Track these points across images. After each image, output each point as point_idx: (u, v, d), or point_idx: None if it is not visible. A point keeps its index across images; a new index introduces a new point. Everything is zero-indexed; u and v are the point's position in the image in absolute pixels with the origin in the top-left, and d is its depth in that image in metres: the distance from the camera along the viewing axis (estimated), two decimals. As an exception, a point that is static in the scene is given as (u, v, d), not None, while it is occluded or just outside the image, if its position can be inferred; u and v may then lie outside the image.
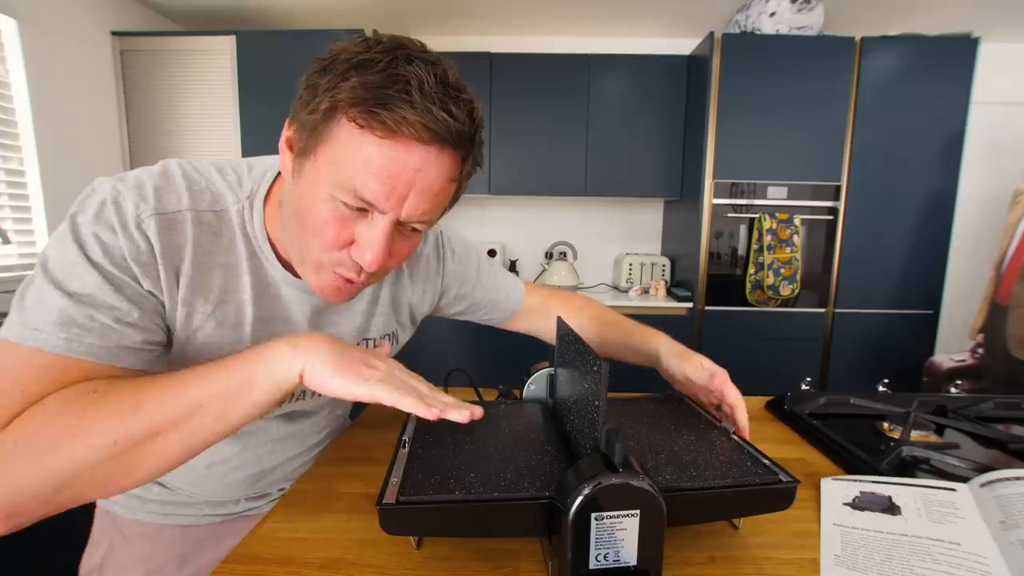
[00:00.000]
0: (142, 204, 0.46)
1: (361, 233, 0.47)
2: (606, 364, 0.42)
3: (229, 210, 0.52)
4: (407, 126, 0.41)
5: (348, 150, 0.43)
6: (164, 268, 0.47)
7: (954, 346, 2.16)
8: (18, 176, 1.88)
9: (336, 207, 0.45)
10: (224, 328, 0.53)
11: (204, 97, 2.31)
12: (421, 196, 0.46)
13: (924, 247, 2.27)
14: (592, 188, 2.54)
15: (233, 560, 0.46)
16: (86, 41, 2.15)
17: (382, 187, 0.44)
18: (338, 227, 0.46)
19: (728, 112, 2.21)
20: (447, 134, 0.43)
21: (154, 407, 0.40)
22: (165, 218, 0.47)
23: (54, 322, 0.41)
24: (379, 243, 0.46)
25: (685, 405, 0.68)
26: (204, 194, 0.51)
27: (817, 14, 2.22)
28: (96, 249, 0.44)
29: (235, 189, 0.53)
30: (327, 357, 0.43)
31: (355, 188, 0.43)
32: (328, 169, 0.44)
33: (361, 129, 0.42)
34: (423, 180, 0.45)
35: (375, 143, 0.42)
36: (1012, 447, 0.70)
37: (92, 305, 0.43)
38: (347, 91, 0.41)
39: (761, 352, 2.32)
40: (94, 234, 0.44)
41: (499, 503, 0.42)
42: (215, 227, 0.51)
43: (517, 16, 2.53)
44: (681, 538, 0.49)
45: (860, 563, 0.45)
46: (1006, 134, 2.73)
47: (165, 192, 0.48)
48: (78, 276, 0.43)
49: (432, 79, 0.42)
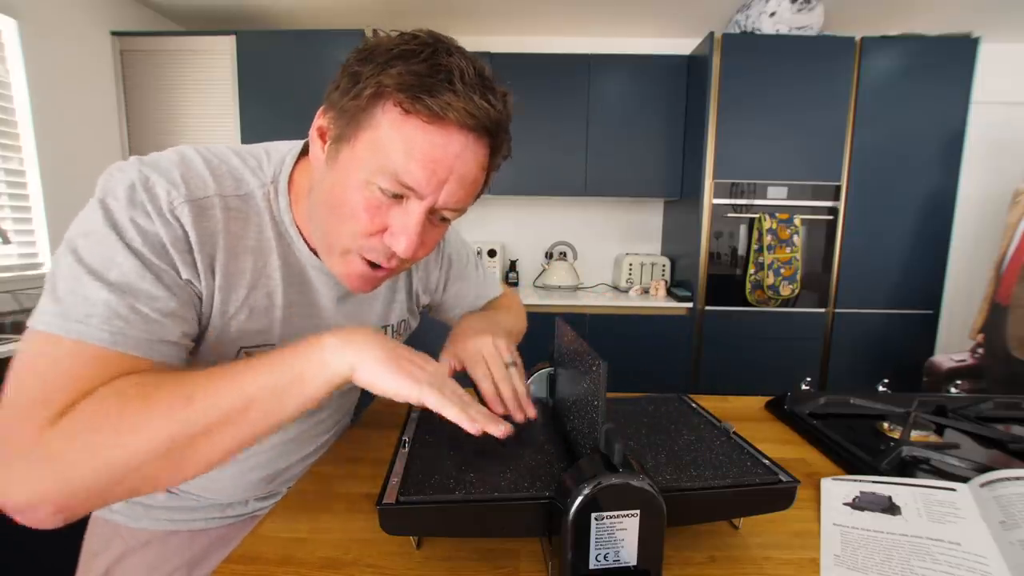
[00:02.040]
0: (173, 190, 0.45)
1: (395, 219, 0.47)
2: (605, 364, 0.42)
3: (255, 194, 0.52)
4: (452, 111, 0.43)
5: (391, 135, 0.44)
6: (200, 256, 0.47)
7: (954, 346, 2.16)
8: (18, 176, 1.88)
9: (372, 193, 0.46)
10: (256, 314, 0.53)
11: (204, 97, 2.31)
12: (458, 183, 0.47)
13: (924, 247, 2.27)
14: (592, 188, 2.54)
15: (234, 560, 0.46)
16: (86, 41, 2.15)
17: (423, 171, 0.44)
18: (372, 213, 0.47)
19: (728, 112, 2.21)
20: (487, 121, 0.45)
21: (208, 402, 0.40)
22: (197, 204, 0.46)
23: (98, 314, 0.41)
24: (414, 229, 0.47)
25: (685, 405, 0.68)
26: (227, 179, 0.50)
27: (817, 14, 2.22)
28: (134, 235, 0.43)
29: (258, 173, 0.53)
30: (379, 354, 0.43)
31: (396, 172, 0.44)
32: (368, 154, 0.45)
33: (406, 114, 0.43)
34: (461, 167, 0.46)
35: (420, 128, 0.43)
36: (1012, 447, 0.70)
37: (133, 295, 0.42)
38: (394, 77, 0.42)
39: (761, 352, 2.32)
40: (131, 219, 0.43)
41: (499, 503, 0.42)
42: (242, 212, 0.51)
43: (517, 16, 2.53)
44: (681, 538, 0.49)
45: (860, 563, 0.45)
46: (1006, 134, 2.73)
47: (191, 177, 0.47)
48: (117, 264, 0.42)
49: (472, 70, 0.44)
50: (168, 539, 0.64)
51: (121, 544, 0.63)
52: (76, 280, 0.41)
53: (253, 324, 0.53)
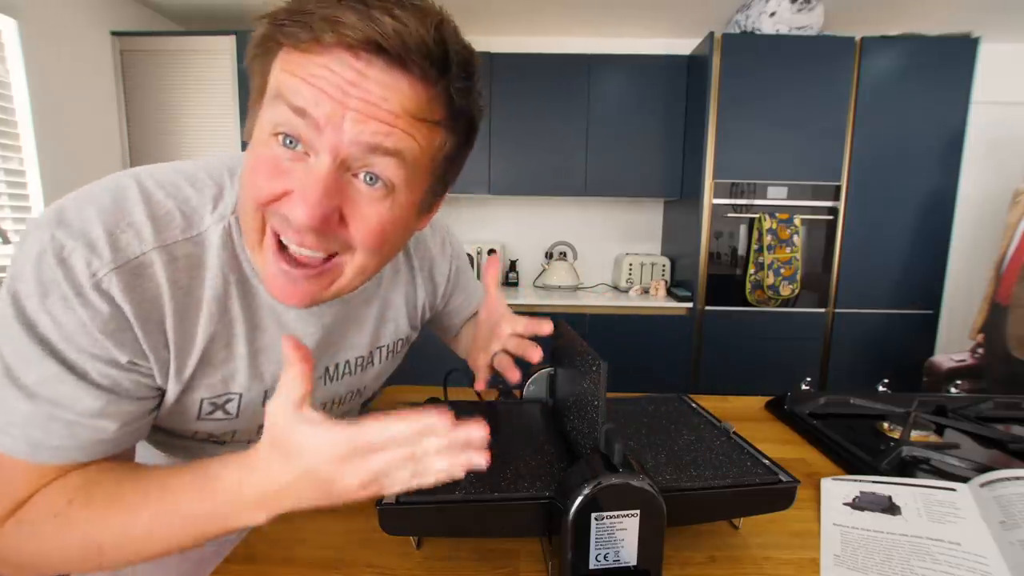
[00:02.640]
0: (94, 259, 0.37)
1: (297, 179, 0.38)
2: (605, 364, 0.42)
3: (209, 233, 0.43)
4: (329, 29, 0.34)
5: (280, 76, 0.37)
6: (142, 330, 0.39)
7: (954, 346, 2.16)
8: (18, 176, 1.88)
9: (270, 148, 0.38)
10: (214, 367, 0.46)
11: (204, 97, 2.31)
12: (366, 115, 0.36)
13: (924, 247, 2.27)
14: (592, 188, 2.54)
15: (233, 560, 0.46)
16: (86, 41, 2.15)
17: (310, 88, 0.36)
18: (271, 171, 0.38)
19: (728, 112, 2.21)
20: (383, 40, 0.35)
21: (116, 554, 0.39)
22: (128, 269, 0.38)
23: (16, 423, 0.37)
24: (315, 184, 0.37)
25: (685, 405, 0.68)
26: (173, 219, 0.41)
27: (817, 14, 2.22)
28: (49, 329, 0.36)
29: (218, 203, 0.44)
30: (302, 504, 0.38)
31: (282, 94, 0.37)
32: (266, 108, 0.38)
33: (291, 49, 0.37)
34: (363, 96, 0.36)
35: (305, 57, 0.36)
36: (1012, 447, 0.70)
37: (51, 402, 0.37)
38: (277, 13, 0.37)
39: (761, 352, 2.32)
40: (44, 309, 0.36)
41: (499, 503, 0.42)
42: (194, 257, 0.42)
43: (517, 16, 2.53)
44: (681, 538, 0.49)
45: (860, 563, 0.45)
46: (1006, 134, 2.73)
47: (120, 232, 0.39)
48: (32, 366, 0.36)
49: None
50: None
51: None
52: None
53: (212, 377, 0.46)
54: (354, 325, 0.57)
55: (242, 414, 0.50)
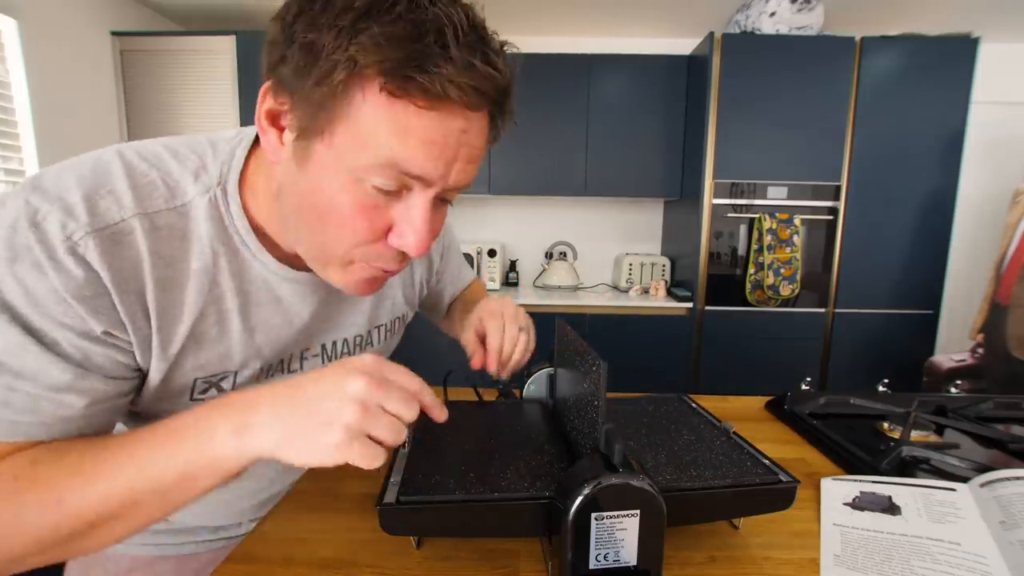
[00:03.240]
0: (70, 221, 0.36)
1: (399, 215, 0.40)
2: (605, 364, 0.42)
3: (195, 203, 0.42)
4: (453, 88, 0.34)
5: (379, 124, 0.35)
6: (120, 297, 0.38)
7: (954, 346, 2.17)
8: (18, 176, 1.88)
9: (364, 192, 0.38)
10: (207, 344, 0.45)
11: (204, 97, 2.31)
12: (466, 161, 0.39)
13: (924, 247, 2.27)
14: (592, 188, 2.54)
15: (233, 560, 0.46)
16: (86, 41, 2.15)
17: (428, 157, 0.37)
18: (371, 216, 0.39)
19: (728, 112, 2.21)
20: (493, 92, 0.37)
21: (79, 506, 0.34)
22: (106, 234, 0.37)
23: None
24: (423, 223, 0.40)
25: (685, 405, 0.68)
26: (156, 189, 0.40)
27: (817, 14, 2.22)
28: (17, 296, 0.34)
29: (201, 175, 0.43)
30: (277, 435, 0.35)
31: (397, 163, 0.36)
32: (352, 150, 0.36)
33: (394, 99, 0.35)
34: (468, 143, 0.39)
35: (414, 112, 0.35)
36: (1012, 447, 0.70)
37: (13, 373, 0.35)
38: (371, 52, 0.33)
39: (761, 352, 2.32)
40: (12, 274, 0.34)
41: (499, 503, 0.42)
42: (178, 229, 0.41)
43: (517, 16, 2.53)
44: (681, 538, 0.49)
45: (860, 563, 0.45)
46: (1006, 134, 2.73)
47: (99, 197, 0.38)
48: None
49: (464, 21, 0.35)
50: (155, 565, 0.59)
51: (101, 572, 0.58)
52: None
53: (205, 355, 0.45)
54: (350, 303, 0.57)
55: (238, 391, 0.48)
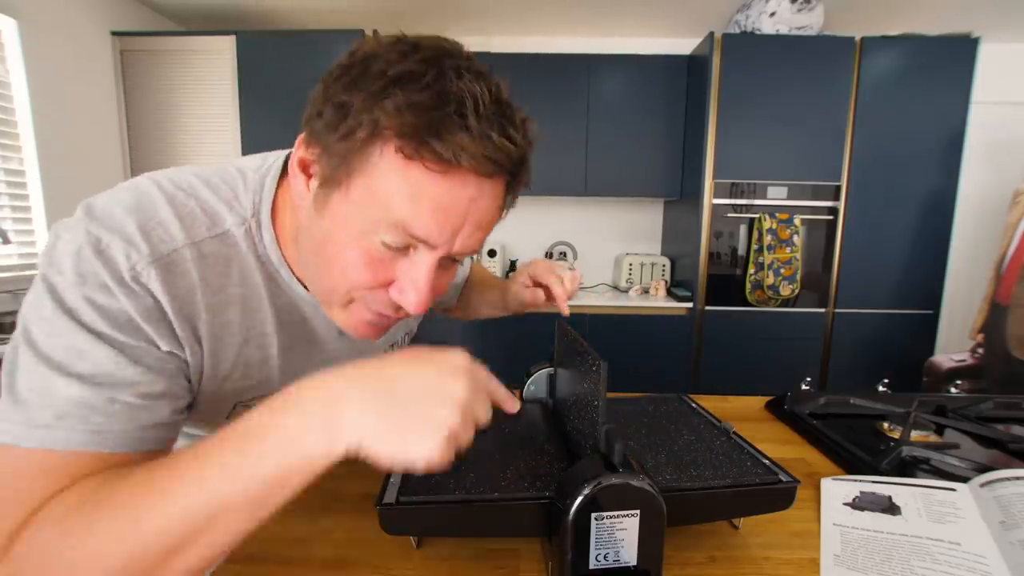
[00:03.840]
0: (133, 251, 0.37)
1: (403, 271, 0.41)
2: (605, 364, 0.42)
3: (233, 232, 0.43)
4: (466, 157, 0.36)
5: (392, 182, 0.37)
6: (179, 324, 0.40)
7: (954, 346, 2.17)
8: (18, 176, 1.88)
9: (373, 245, 0.39)
10: (251, 369, 0.47)
11: (204, 97, 2.31)
12: (474, 228, 0.40)
13: (924, 247, 2.27)
14: (592, 188, 2.54)
15: (233, 560, 0.46)
16: (86, 41, 2.15)
17: (435, 222, 0.38)
18: (375, 268, 0.40)
19: (728, 112, 2.21)
20: (507, 163, 0.38)
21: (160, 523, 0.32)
22: (164, 263, 0.38)
23: (72, 415, 0.35)
24: (424, 283, 0.41)
25: (685, 405, 0.68)
26: (197, 218, 0.42)
27: (817, 14, 2.22)
28: (94, 317, 0.36)
29: (234, 206, 0.44)
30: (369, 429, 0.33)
31: (403, 223, 0.38)
32: (366, 203, 0.38)
33: (408, 160, 0.36)
34: (477, 211, 0.39)
35: (426, 176, 0.36)
36: (1012, 447, 0.70)
37: (111, 385, 0.36)
38: (392, 116, 0.35)
39: (761, 352, 2.32)
40: (85, 298, 0.36)
41: (499, 503, 0.42)
42: (221, 255, 0.43)
43: (517, 16, 2.53)
44: (681, 538, 0.49)
45: (860, 563, 0.45)
46: (1006, 134, 2.73)
47: (151, 228, 0.39)
48: (84, 354, 0.35)
49: (487, 96, 0.37)
50: None
51: None
52: (41, 378, 0.35)
53: (248, 380, 0.47)
54: None
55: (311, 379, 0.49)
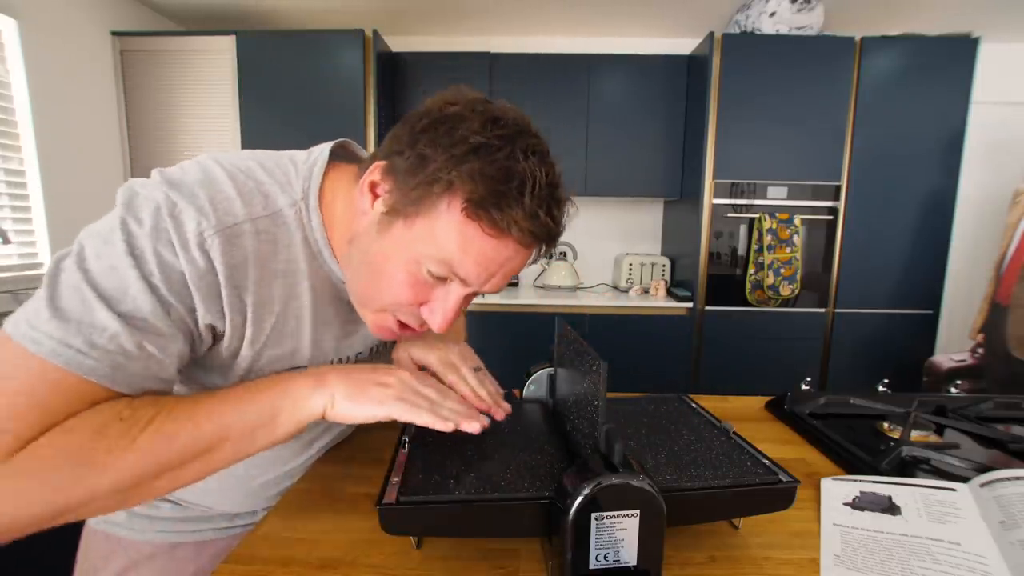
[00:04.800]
0: (203, 220, 0.42)
1: (436, 296, 0.49)
2: (605, 364, 0.42)
3: (284, 212, 0.48)
4: (515, 229, 0.43)
5: (450, 229, 0.44)
6: (228, 292, 0.44)
7: (954, 346, 2.17)
8: (18, 176, 1.88)
9: (419, 271, 0.46)
10: (285, 339, 0.51)
11: (204, 97, 2.31)
12: (504, 277, 0.49)
13: (924, 247, 2.27)
14: (592, 188, 2.54)
15: (233, 560, 0.46)
16: (86, 41, 2.15)
17: (476, 268, 0.45)
18: (416, 290, 0.48)
19: (728, 112, 2.21)
20: (545, 238, 0.47)
21: (186, 440, 0.40)
22: (227, 233, 0.43)
23: (102, 347, 0.38)
24: (453, 311, 0.49)
25: (685, 405, 0.68)
26: (255, 197, 0.47)
27: (817, 14, 2.22)
28: (154, 268, 0.40)
29: (287, 189, 0.49)
30: (343, 389, 0.45)
31: (451, 264, 0.45)
32: (423, 238, 0.45)
33: (468, 219, 0.43)
34: (511, 267, 0.48)
35: (479, 236, 0.44)
36: (1012, 447, 0.70)
37: (144, 331, 0.40)
38: (466, 182, 0.42)
39: (761, 352, 2.32)
40: (154, 250, 0.40)
41: (499, 503, 0.42)
42: (271, 233, 0.47)
43: (517, 16, 2.53)
44: (681, 538, 0.49)
45: (860, 563, 0.45)
46: (1006, 134, 2.73)
47: (220, 201, 0.44)
48: (132, 296, 0.40)
49: (544, 179, 0.44)
50: (174, 551, 0.62)
51: (123, 558, 0.60)
52: (84, 303, 0.38)
53: (282, 348, 0.52)
54: None
55: None
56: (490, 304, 2.33)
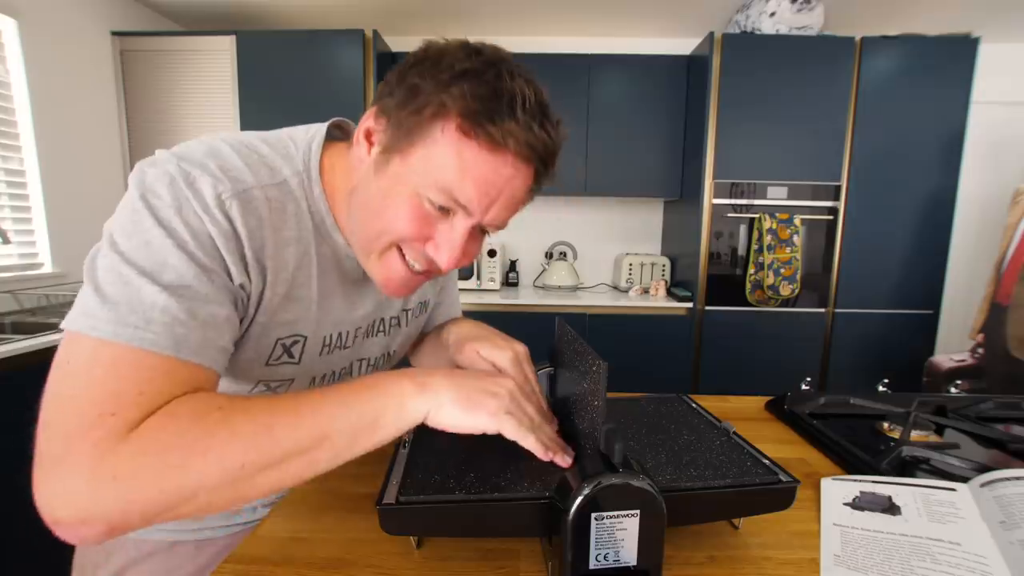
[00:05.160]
0: (219, 184, 0.43)
1: (440, 232, 0.48)
2: (605, 364, 0.42)
3: (289, 182, 0.50)
4: (512, 141, 0.43)
5: (447, 153, 0.44)
6: (251, 252, 0.45)
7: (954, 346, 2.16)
8: (18, 176, 1.88)
9: (421, 204, 0.46)
10: (294, 305, 0.51)
11: (204, 97, 2.32)
12: (505, 204, 0.48)
13: (924, 247, 2.27)
14: (592, 188, 2.54)
15: (233, 560, 0.46)
16: (86, 41, 2.15)
17: (476, 192, 0.45)
18: (419, 223, 0.47)
19: (728, 112, 2.21)
20: (543, 152, 0.46)
21: (287, 432, 0.39)
22: (243, 198, 0.44)
23: (157, 320, 0.38)
24: (458, 244, 0.48)
25: (685, 405, 0.68)
26: (261, 167, 0.48)
27: (817, 14, 2.22)
28: (185, 235, 0.41)
29: (288, 160, 0.50)
30: (452, 394, 0.44)
31: (450, 189, 0.44)
32: (421, 168, 0.45)
33: (465, 137, 0.43)
34: (511, 190, 0.47)
35: (477, 152, 0.44)
36: (1012, 447, 0.70)
37: (192, 299, 0.40)
38: (457, 100, 0.42)
39: (761, 352, 2.32)
40: (180, 217, 0.41)
41: (499, 503, 0.42)
42: (280, 201, 0.48)
43: (517, 16, 2.53)
44: (681, 538, 0.49)
45: (860, 563, 0.45)
46: (1006, 134, 2.73)
47: (229, 168, 0.45)
48: (172, 266, 0.40)
49: (532, 96, 0.44)
50: (174, 549, 0.61)
51: (123, 555, 0.60)
52: (126, 283, 0.39)
53: (290, 315, 0.52)
54: None
55: (303, 360, 0.55)
56: (490, 304, 2.33)
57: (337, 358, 0.60)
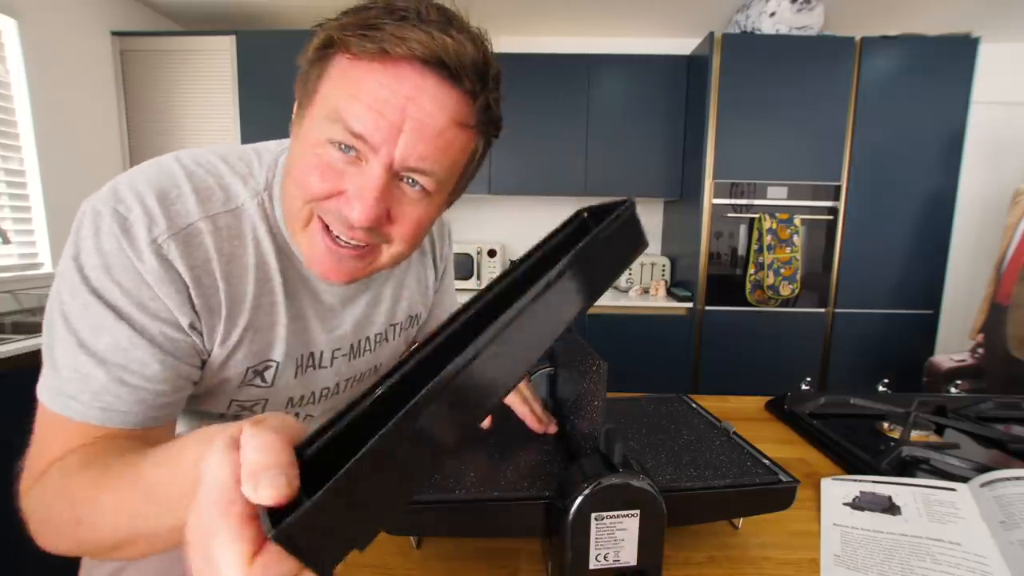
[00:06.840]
0: (154, 226, 0.41)
1: (351, 181, 0.42)
2: (605, 364, 0.42)
3: (246, 206, 0.47)
4: (399, 44, 0.38)
5: (338, 84, 0.40)
6: (197, 294, 0.43)
7: (954, 346, 2.16)
8: (18, 176, 1.88)
9: (326, 152, 0.41)
10: (259, 335, 0.49)
11: (204, 97, 2.31)
12: (417, 133, 0.40)
13: (924, 247, 2.27)
14: (592, 188, 2.54)
15: (233, 560, 0.46)
16: (86, 41, 2.15)
17: (370, 113, 0.39)
18: (326, 175, 0.42)
19: (728, 112, 2.21)
20: (447, 56, 0.38)
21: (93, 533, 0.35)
22: (182, 236, 0.42)
23: (89, 391, 0.39)
24: (370, 191, 0.41)
25: (685, 405, 0.68)
26: (214, 193, 0.45)
27: (817, 14, 2.22)
28: (117, 295, 0.40)
29: (249, 181, 0.48)
30: None
31: (343, 118, 0.39)
32: (319, 110, 0.41)
33: (354, 59, 0.39)
34: (417, 112, 0.40)
35: (366, 72, 0.39)
36: (1012, 447, 0.70)
37: (123, 366, 0.40)
38: (342, 23, 0.40)
39: (761, 352, 2.32)
40: (110, 277, 0.39)
41: (499, 503, 0.42)
42: (235, 228, 0.46)
43: (517, 16, 2.53)
44: (681, 538, 0.49)
45: (860, 563, 0.45)
46: (1006, 134, 2.73)
47: (171, 203, 0.42)
48: (105, 330, 0.39)
49: (433, 10, 0.40)
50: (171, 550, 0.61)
51: None
52: (69, 350, 0.40)
53: (256, 345, 0.49)
54: (373, 304, 0.61)
55: (276, 383, 0.53)
56: (490, 304, 2.33)
57: (316, 378, 0.57)
